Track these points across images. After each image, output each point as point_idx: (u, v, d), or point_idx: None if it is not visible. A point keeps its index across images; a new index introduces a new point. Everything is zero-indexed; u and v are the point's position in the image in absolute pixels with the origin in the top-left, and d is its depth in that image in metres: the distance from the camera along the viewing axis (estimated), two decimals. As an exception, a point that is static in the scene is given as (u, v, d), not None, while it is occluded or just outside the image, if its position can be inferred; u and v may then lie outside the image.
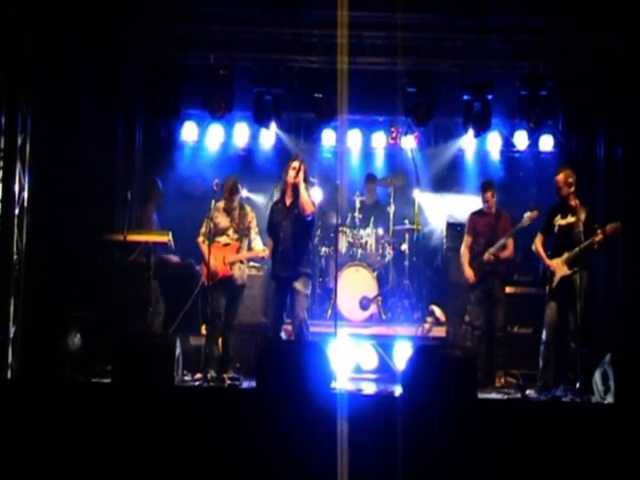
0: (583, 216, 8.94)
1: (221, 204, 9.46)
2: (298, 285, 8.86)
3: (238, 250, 9.39)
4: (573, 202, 9.08)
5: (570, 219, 9.05)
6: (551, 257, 9.13)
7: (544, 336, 9.06)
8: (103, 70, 10.64)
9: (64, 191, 9.76)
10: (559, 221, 9.15)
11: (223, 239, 9.37)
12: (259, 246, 9.41)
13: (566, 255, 8.97)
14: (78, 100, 10.10)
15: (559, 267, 9.02)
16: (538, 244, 9.32)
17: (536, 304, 9.51)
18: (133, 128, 12.03)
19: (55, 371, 8.67)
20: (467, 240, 10.22)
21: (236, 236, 9.42)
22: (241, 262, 9.46)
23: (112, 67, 10.92)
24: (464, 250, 10.18)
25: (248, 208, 9.64)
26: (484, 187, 10.24)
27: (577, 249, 8.85)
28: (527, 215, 9.60)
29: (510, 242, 9.95)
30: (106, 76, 10.73)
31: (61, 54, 9.75)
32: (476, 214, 10.32)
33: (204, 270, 9.29)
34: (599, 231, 8.75)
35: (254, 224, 9.52)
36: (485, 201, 10.12)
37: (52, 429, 7.01)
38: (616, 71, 10.79)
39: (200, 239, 9.46)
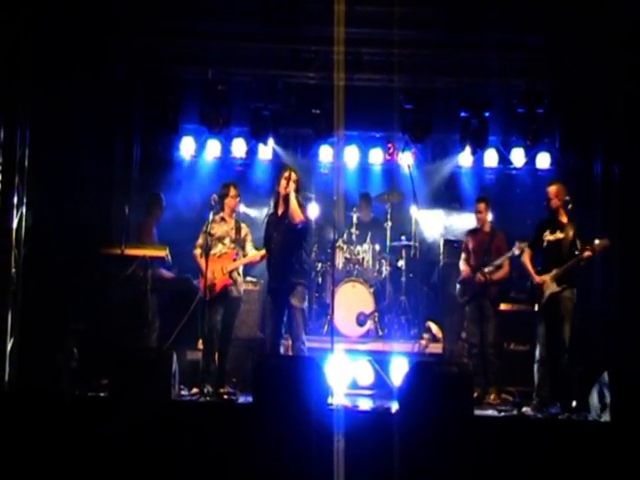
0: (571, 232, 8.93)
1: (218, 216, 9.47)
2: (294, 300, 8.84)
3: (235, 258, 9.40)
4: (562, 218, 9.09)
5: (559, 235, 9.03)
6: (540, 273, 9.10)
7: (537, 353, 9.03)
8: (101, 85, 10.65)
9: (62, 205, 9.78)
10: (548, 236, 9.11)
11: (219, 248, 9.32)
12: (254, 251, 9.42)
13: (555, 272, 8.95)
14: (76, 115, 10.11)
15: (548, 284, 8.98)
16: (526, 259, 9.31)
17: (532, 321, 9.46)
18: (131, 143, 12.06)
19: (52, 384, 8.65)
20: (463, 256, 10.32)
21: (233, 245, 9.42)
22: (238, 274, 9.46)
23: (110, 82, 10.92)
24: (463, 264, 10.25)
25: (243, 224, 9.65)
26: (476, 201, 10.34)
27: (566, 265, 8.85)
28: (518, 245, 9.62)
29: (506, 263, 9.98)
30: (104, 91, 10.73)
31: (60, 70, 9.77)
32: (471, 232, 10.40)
33: (202, 283, 9.28)
34: (588, 248, 8.75)
35: (249, 238, 9.52)
36: (477, 214, 10.19)
37: (48, 442, 6.98)
38: (613, 89, 10.82)
39: (197, 251, 9.45)
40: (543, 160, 12.42)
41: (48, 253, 9.59)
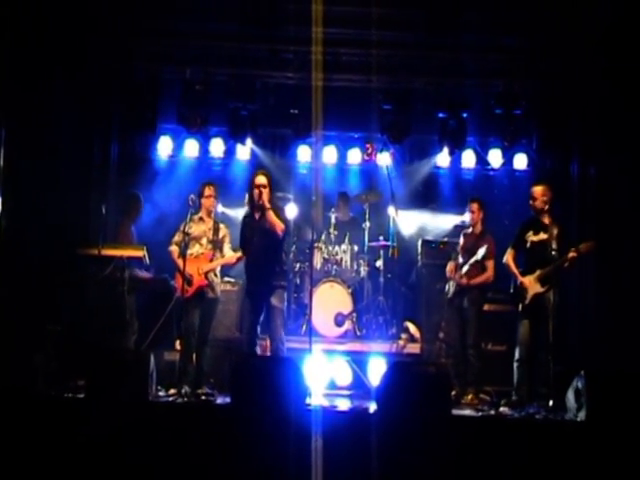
0: (555, 233, 8.96)
1: (197, 216, 9.44)
2: (274, 300, 8.83)
3: (211, 259, 9.37)
4: (546, 219, 9.13)
5: (542, 236, 9.07)
6: (523, 274, 9.14)
7: (517, 353, 9.07)
8: (79, 84, 10.58)
9: (39, 205, 9.70)
10: (531, 237, 9.15)
11: (196, 249, 9.29)
12: (231, 253, 9.39)
13: (539, 272, 8.98)
14: (53, 114, 10.03)
15: (532, 284, 9.02)
16: (510, 260, 9.35)
17: (510, 321, 9.48)
18: (108, 143, 11.95)
19: (28, 385, 8.58)
20: (454, 256, 10.39)
21: (210, 246, 9.39)
22: (215, 275, 9.44)
23: (88, 82, 10.85)
24: (450, 265, 10.29)
25: (222, 225, 9.62)
26: (469, 201, 10.37)
27: (551, 267, 8.88)
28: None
29: (490, 267, 9.99)
30: (82, 90, 10.66)
31: (37, 69, 9.70)
32: (464, 233, 10.40)
33: (178, 281, 9.27)
34: (573, 249, 8.78)
35: (227, 239, 9.50)
36: (470, 214, 10.24)
37: (24, 444, 6.95)
38: (590, 91, 10.87)
39: (173, 247, 9.41)
40: (520, 161, 12.47)
41: (25, 253, 9.51)
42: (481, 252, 9.74)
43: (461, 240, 10.36)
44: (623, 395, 7.56)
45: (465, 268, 9.98)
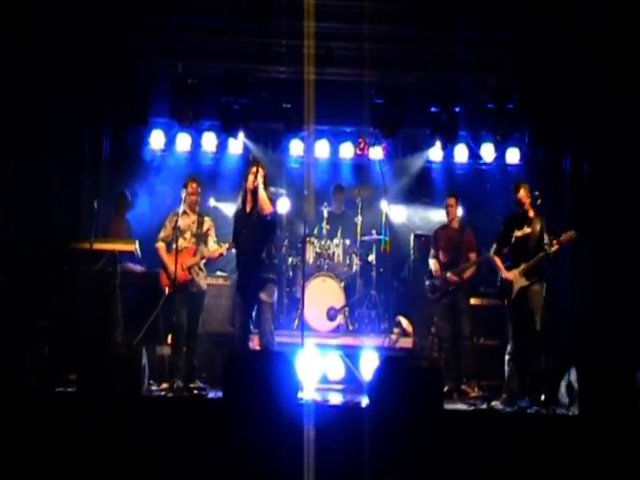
0: (539, 227, 9.01)
1: (180, 209, 9.39)
2: (263, 295, 8.80)
3: (194, 254, 9.36)
4: (530, 213, 9.15)
5: (526, 230, 9.11)
6: (509, 269, 9.18)
7: (508, 347, 9.10)
8: (70, 79, 10.54)
9: (30, 200, 9.69)
10: (516, 232, 9.19)
11: (180, 242, 9.24)
12: (215, 247, 9.39)
13: (523, 266, 9.02)
14: (45, 109, 10.02)
15: (517, 278, 9.05)
16: (494, 254, 9.38)
17: (501, 315, 9.51)
18: (100, 136, 11.94)
19: (20, 380, 8.57)
20: (432, 252, 10.37)
21: (193, 240, 9.40)
22: (200, 269, 9.43)
23: (79, 75, 10.81)
24: (433, 262, 10.30)
25: (207, 218, 9.62)
26: (447, 195, 10.39)
27: (534, 260, 8.90)
28: (487, 255, 9.72)
29: (473, 257, 10.05)
30: (73, 85, 10.62)
31: (26, 64, 9.67)
32: (440, 228, 10.46)
33: (163, 277, 9.26)
34: (554, 241, 8.79)
35: (212, 232, 9.50)
36: (447, 208, 10.25)
37: (16, 438, 6.93)
38: (582, 85, 10.88)
39: (160, 244, 9.45)
40: (513, 155, 12.46)
41: (16, 248, 9.50)
42: (472, 257, 9.85)
43: (439, 236, 10.41)
44: (615, 389, 7.60)
45: (460, 267, 10.02)
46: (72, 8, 10.13)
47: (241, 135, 12.18)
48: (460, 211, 10.40)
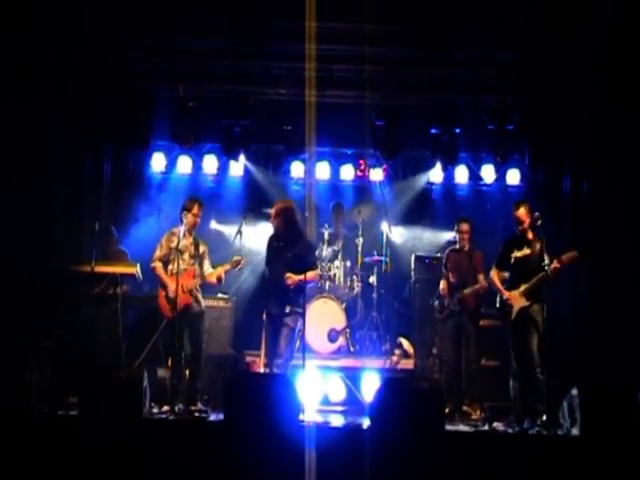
0: (538, 247, 9.00)
1: (178, 229, 9.39)
2: (289, 320, 8.94)
3: (194, 276, 9.37)
4: (529, 234, 9.15)
5: (526, 251, 9.10)
6: (508, 289, 9.16)
7: (512, 368, 9.08)
8: (71, 100, 10.58)
9: (31, 222, 9.68)
10: (515, 253, 9.18)
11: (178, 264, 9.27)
12: (210, 270, 9.41)
13: (523, 287, 9.01)
14: (46, 131, 10.04)
15: (517, 299, 9.04)
16: (494, 276, 9.37)
17: (502, 336, 9.49)
18: (101, 159, 11.95)
19: (21, 402, 8.54)
20: (444, 274, 10.31)
21: (192, 261, 9.41)
22: (197, 290, 9.44)
23: (81, 98, 10.85)
24: (442, 282, 10.25)
25: (201, 241, 9.63)
26: (458, 221, 10.33)
27: (534, 280, 8.90)
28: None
29: (482, 278, 9.98)
30: (74, 107, 10.66)
31: (28, 86, 9.70)
32: (452, 251, 10.38)
33: (162, 301, 9.26)
34: (555, 261, 8.79)
35: (207, 256, 9.54)
36: (460, 234, 10.21)
37: (17, 462, 6.91)
38: (582, 106, 10.91)
39: (157, 264, 9.40)
40: (513, 176, 12.47)
41: (18, 270, 9.49)
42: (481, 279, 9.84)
43: (449, 258, 10.32)
44: (617, 410, 7.56)
45: (466, 291, 9.98)
46: (74, 30, 10.17)
47: (242, 157, 12.23)
48: (470, 235, 10.32)
